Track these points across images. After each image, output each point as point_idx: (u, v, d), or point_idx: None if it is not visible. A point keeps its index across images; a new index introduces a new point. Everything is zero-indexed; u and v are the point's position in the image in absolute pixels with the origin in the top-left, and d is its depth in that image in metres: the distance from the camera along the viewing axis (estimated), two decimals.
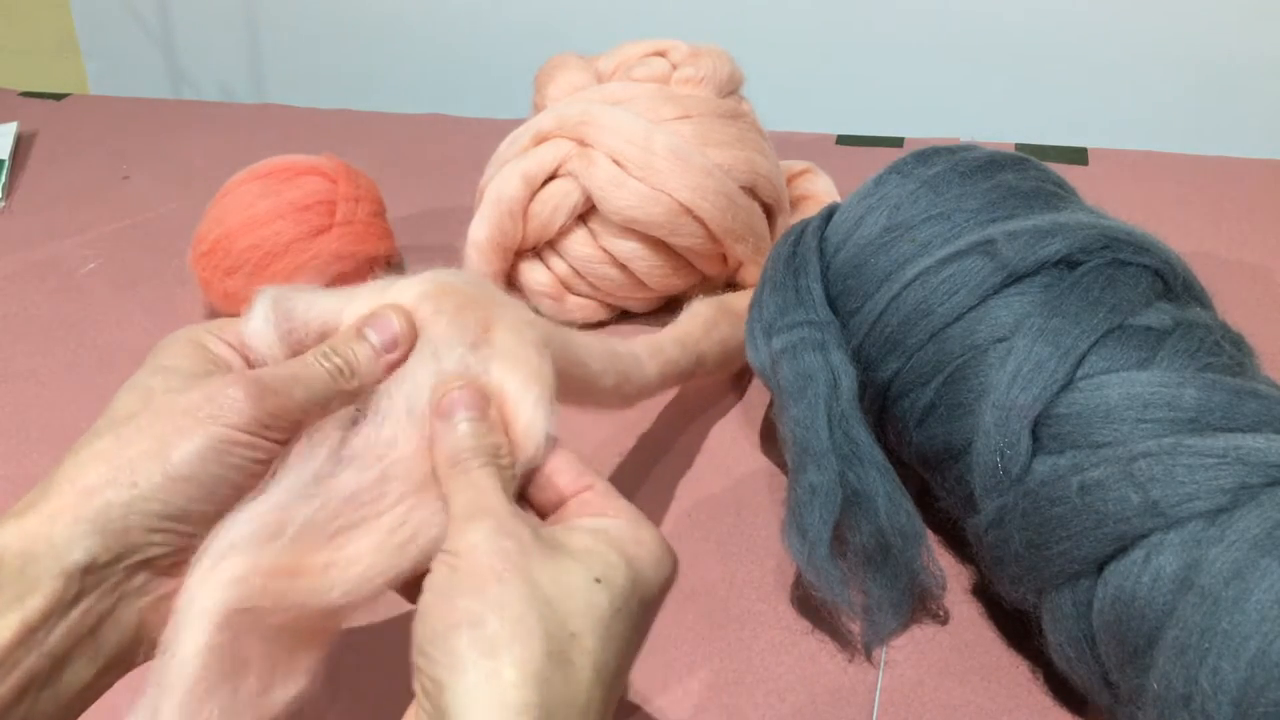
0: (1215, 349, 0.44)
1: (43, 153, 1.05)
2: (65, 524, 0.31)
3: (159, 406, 0.34)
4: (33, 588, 0.31)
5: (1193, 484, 0.38)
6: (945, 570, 0.50)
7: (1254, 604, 0.34)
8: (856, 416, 0.48)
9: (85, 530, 0.31)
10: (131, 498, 0.32)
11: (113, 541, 0.32)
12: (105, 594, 0.32)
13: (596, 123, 0.68)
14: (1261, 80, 1.04)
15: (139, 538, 0.32)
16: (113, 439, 0.33)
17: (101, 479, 0.32)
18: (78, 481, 0.32)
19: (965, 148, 0.54)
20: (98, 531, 0.31)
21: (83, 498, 0.32)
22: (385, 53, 1.36)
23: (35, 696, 0.31)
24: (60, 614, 0.31)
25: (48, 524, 0.31)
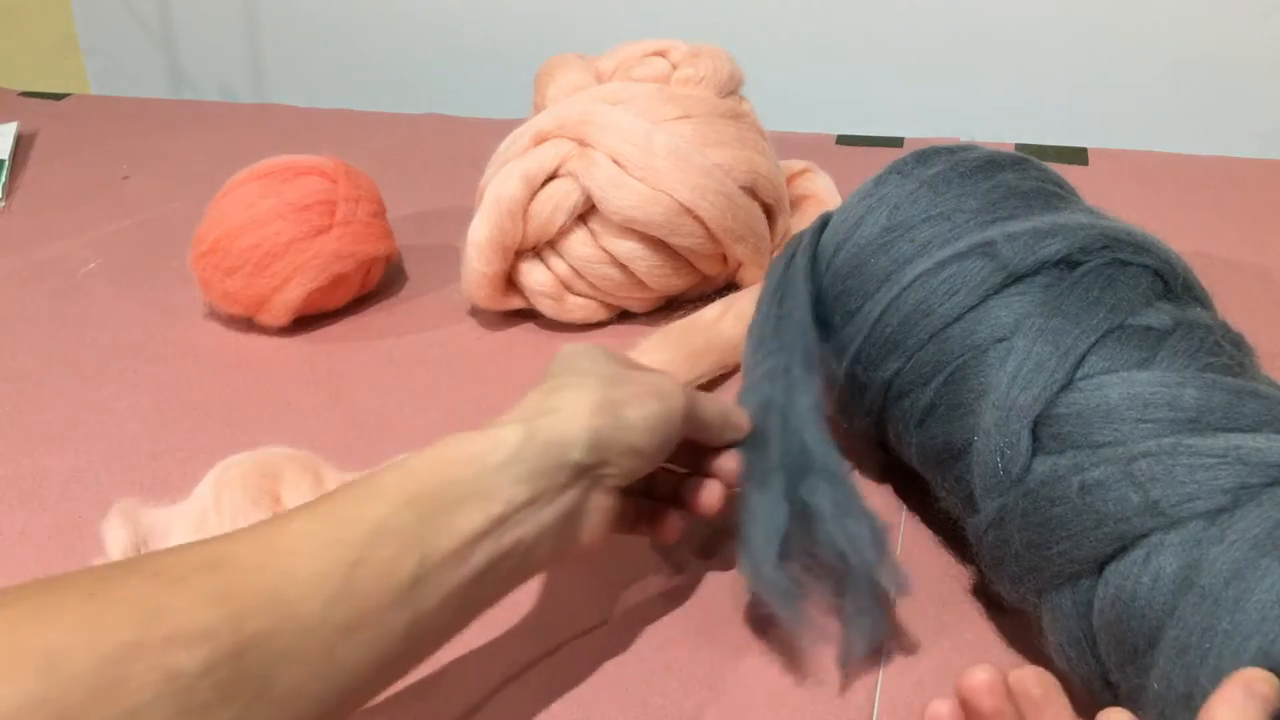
0: (1215, 349, 0.44)
1: (43, 153, 1.05)
2: (575, 428, 0.41)
3: (628, 375, 0.45)
4: (544, 470, 0.40)
5: (1193, 484, 0.38)
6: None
7: (1254, 604, 0.34)
8: (814, 426, 0.48)
9: (586, 439, 0.41)
10: (616, 427, 0.42)
11: (597, 455, 0.42)
12: (580, 491, 0.42)
13: (596, 123, 0.68)
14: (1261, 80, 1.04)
15: (609, 458, 0.42)
16: (601, 384, 0.43)
17: (598, 405, 0.42)
18: (584, 404, 0.42)
19: (965, 148, 0.54)
20: (592, 442, 0.41)
21: (589, 415, 0.42)
22: (385, 53, 1.36)
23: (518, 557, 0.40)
24: (554, 495, 0.41)
25: (563, 424, 0.41)
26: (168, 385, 0.69)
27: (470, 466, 0.39)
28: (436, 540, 0.37)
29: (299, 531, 0.36)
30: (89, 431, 0.64)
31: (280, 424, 0.65)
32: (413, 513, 0.37)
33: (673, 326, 0.67)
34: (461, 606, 0.39)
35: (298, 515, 0.37)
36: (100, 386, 0.69)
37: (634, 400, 0.43)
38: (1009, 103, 1.12)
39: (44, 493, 0.60)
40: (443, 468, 0.39)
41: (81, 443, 0.63)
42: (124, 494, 0.57)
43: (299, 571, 0.34)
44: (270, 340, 0.73)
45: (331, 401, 0.67)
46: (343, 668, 0.35)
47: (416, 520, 0.37)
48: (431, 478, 0.39)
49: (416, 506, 0.37)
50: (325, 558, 0.35)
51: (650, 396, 0.44)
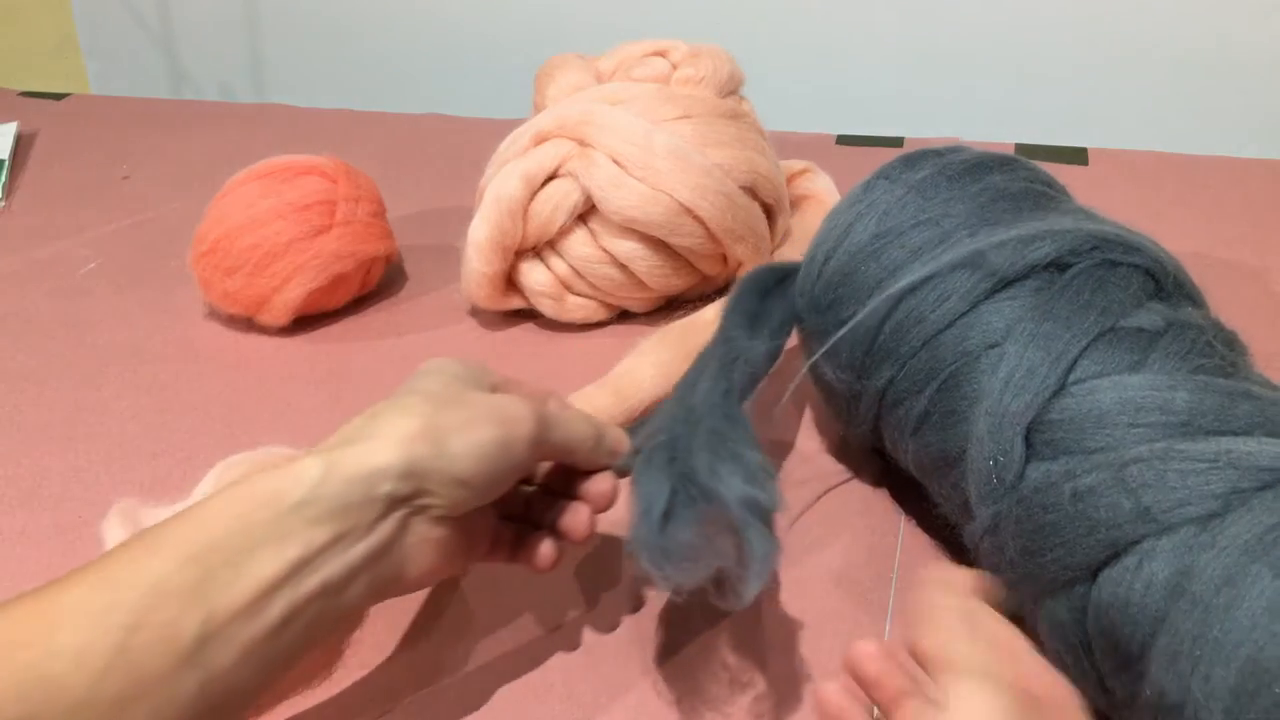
0: (1207, 350, 0.44)
1: (43, 153, 1.05)
2: (385, 458, 0.38)
3: (466, 398, 0.42)
4: (348, 506, 0.37)
5: (1184, 489, 0.38)
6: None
7: (1245, 610, 0.34)
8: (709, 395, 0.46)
9: (399, 468, 0.38)
10: (437, 457, 0.39)
11: (413, 484, 0.39)
12: (393, 526, 0.39)
13: (596, 123, 0.68)
14: (1261, 80, 1.04)
15: (431, 488, 0.39)
16: (429, 408, 0.40)
17: (417, 434, 0.39)
18: (398, 431, 0.39)
19: (952, 150, 0.54)
20: (406, 471, 0.38)
21: (402, 444, 0.39)
22: (385, 53, 1.36)
23: (325, 601, 0.37)
24: (361, 533, 0.38)
25: (370, 455, 0.38)
26: (168, 385, 0.69)
27: (265, 508, 0.36)
28: (224, 595, 0.34)
29: (70, 601, 0.33)
30: (89, 431, 0.64)
31: (280, 424, 0.65)
32: (197, 568, 0.34)
33: (673, 326, 0.67)
34: (266, 659, 0.36)
35: (72, 582, 0.34)
36: (100, 386, 0.69)
37: (464, 426, 0.40)
38: (1009, 103, 1.12)
39: (44, 493, 0.60)
40: (235, 511, 0.36)
41: (81, 443, 0.63)
42: (124, 494, 0.57)
43: (66, 645, 0.32)
44: (270, 340, 0.73)
45: (331, 401, 0.67)
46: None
47: (201, 575, 0.34)
48: (220, 524, 0.36)
49: (202, 560, 0.35)
50: (96, 627, 0.33)
51: (485, 422, 0.41)
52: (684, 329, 0.67)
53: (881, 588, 0.51)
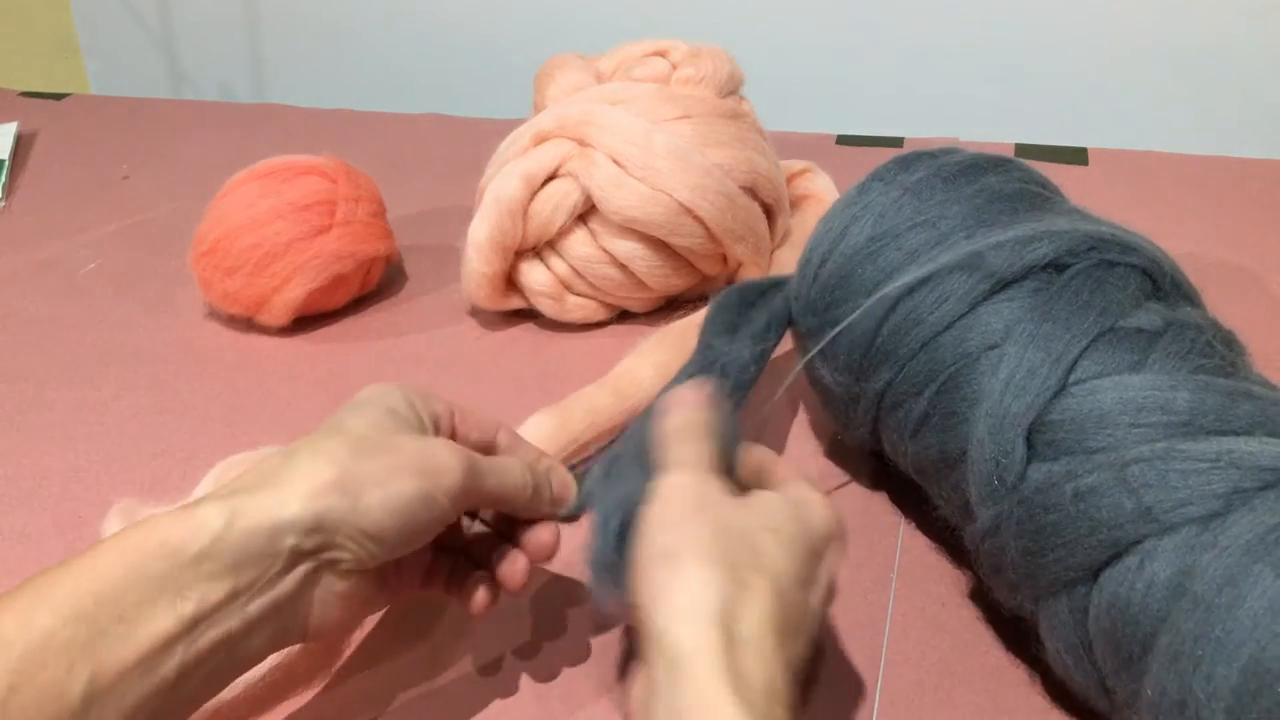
0: (1207, 349, 0.44)
1: (43, 153, 1.05)
2: (291, 511, 0.36)
3: (391, 444, 0.39)
4: (249, 559, 0.36)
5: (1186, 489, 0.38)
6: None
7: (1247, 610, 0.34)
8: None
9: (305, 522, 0.37)
10: (349, 510, 0.37)
11: (321, 539, 0.37)
12: (297, 579, 0.37)
13: (596, 123, 0.68)
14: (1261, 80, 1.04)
15: (340, 542, 0.38)
16: (347, 454, 0.38)
17: (330, 485, 0.37)
18: (310, 480, 0.37)
19: (947, 151, 0.54)
20: (314, 527, 0.37)
21: (312, 496, 0.37)
22: (385, 53, 1.36)
23: (224, 654, 0.36)
24: (263, 587, 0.36)
25: (277, 507, 0.36)
26: (168, 385, 0.69)
27: (161, 560, 0.35)
28: (114, 652, 0.33)
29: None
30: (89, 431, 0.64)
31: (280, 424, 0.65)
32: (85, 624, 0.33)
33: (673, 326, 0.67)
34: (159, 715, 0.34)
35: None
36: (100, 386, 0.69)
37: (382, 478, 0.38)
38: (1009, 103, 1.12)
39: (44, 493, 0.60)
40: (130, 564, 0.34)
41: (81, 443, 0.63)
42: (124, 494, 0.57)
43: None
44: (270, 340, 0.73)
45: (331, 401, 0.66)
46: None
47: (90, 632, 0.33)
48: (114, 576, 0.34)
49: (91, 615, 0.33)
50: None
51: (407, 474, 0.38)
52: (684, 329, 0.67)
53: (881, 588, 0.51)
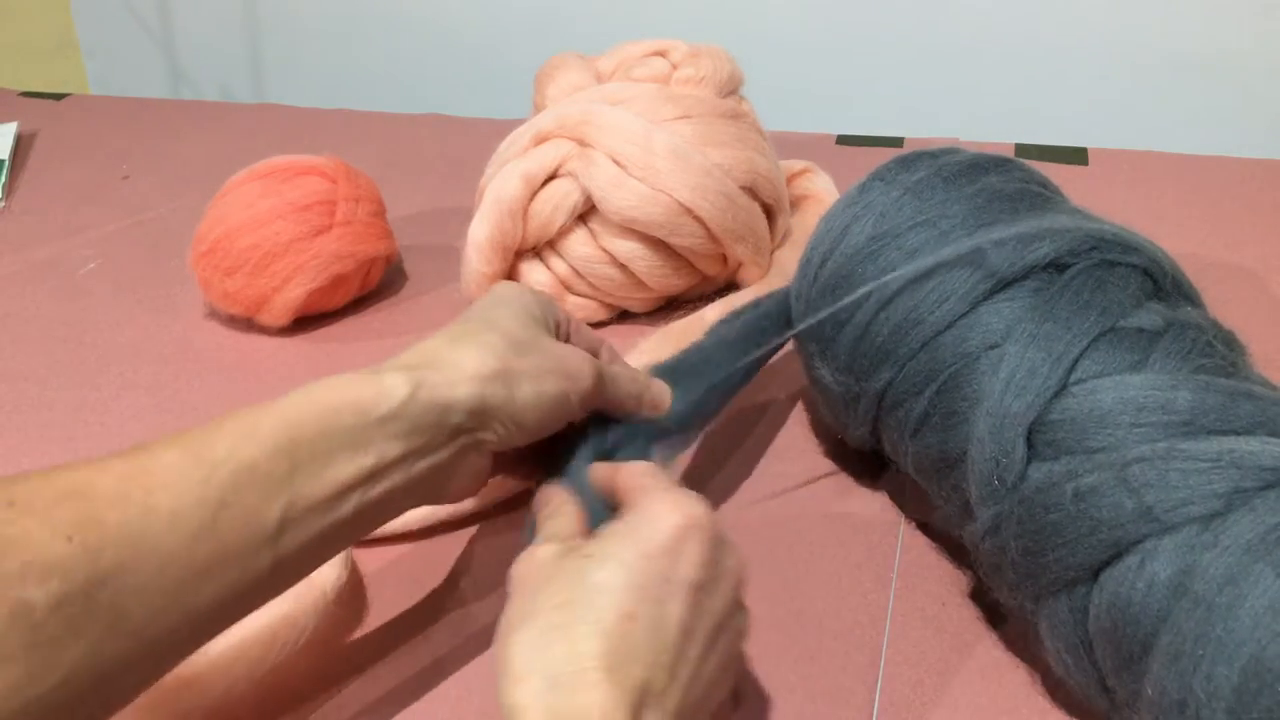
0: (1208, 349, 0.44)
1: (43, 153, 1.05)
2: (463, 392, 0.41)
3: (541, 345, 0.45)
4: (423, 428, 0.40)
5: (1186, 489, 0.38)
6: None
7: (1247, 610, 0.34)
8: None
9: (470, 406, 0.41)
10: (505, 398, 0.42)
11: (479, 420, 0.42)
12: (454, 450, 0.42)
13: (596, 123, 0.68)
14: (1261, 80, 1.04)
15: (491, 424, 0.42)
16: (506, 348, 0.43)
17: (493, 373, 0.42)
18: (478, 367, 0.42)
19: (947, 151, 0.54)
20: (476, 408, 0.41)
21: (480, 380, 0.41)
22: (385, 53, 1.36)
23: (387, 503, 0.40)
24: (427, 452, 0.41)
25: (450, 387, 0.41)
26: (168, 385, 0.69)
27: (351, 416, 0.39)
28: (306, 487, 0.37)
29: (167, 465, 0.35)
30: (89, 431, 0.64)
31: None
32: (285, 458, 0.37)
33: (673, 326, 0.67)
34: (324, 547, 0.39)
35: (169, 447, 0.36)
36: (100, 386, 0.69)
37: (535, 375, 0.43)
38: (1009, 103, 1.12)
39: None
40: (323, 414, 0.39)
41: (81, 443, 0.63)
42: None
43: (161, 507, 0.34)
44: (270, 340, 0.73)
45: None
46: (199, 604, 0.35)
47: (288, 466, 0.37)
48: (310, 423, 0.38)
49: (290, 452, 0.37)
50: (190, 496, 0.35)
51: (553, 375, 0.44)
52: (684, 329, 0.67)
53: (881, 588, 0.51)
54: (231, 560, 0.35)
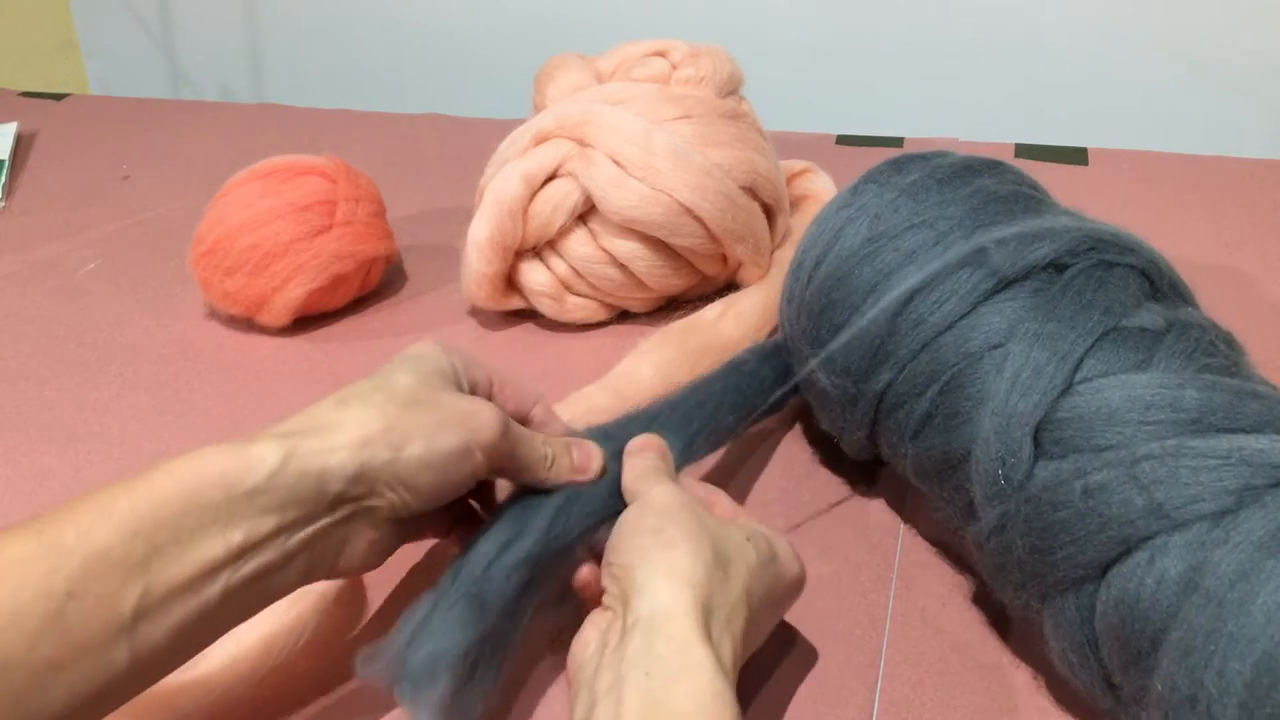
0: (1211, 349, 0.44)
1: (43, 153, 1.05)
2: (340, 459, 0.38)
3: (436, 400, 0.42)
4: (297, 499, 0.38)
5: (1197, 486, 0.38)
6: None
7: (1260, 606, 0.34)
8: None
9: (348, 473, 0.38)
10: (389, 460, 0.39)
11: (363, 486, 0.39)
12: (335, 521, 0.39)
13: (596, 123, 0.68)
14: (1261, 80, 1.04)
15: (380, 489, 0.39)
16: (395, 407, 0.40)
17: (379, 435, 0.39)
18: (360, 429, 0.39)
19: (939, 154, 0.54)
20: (357, 474, 0.39)
21: (360, 445, 0.39)
22: (385, 53, 1.36)
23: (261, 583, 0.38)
24: (304, 525, 0.38)
25: (326, 454, 0.38)
26: (168, 385, 0.69)
27: (217, 490, 0.36)
28: (166, 571, 0.35)
29: (12, 557, 0.33)
30: (89, 431, 0.64)
31: None
32: (143, 541, 0.34)
33: (673, 326, 0.67)
34: (192, 635, 0.36)
35: (15, 536, 0.34)
36: (100, 386, 0.69)
37: (427, 432, 0.40)
38: (1009, 103, 1.12)
39: (44, 493, 0.59)
40: (185, 490, 0.36)
41: (81, 443, 0.63)
42: None
43: (3, 604, 0.32)
44: (270, 340, 0.73)
45: None
46: (49, 702, 0.32)
47: (146, 549, 0.34)
48: (172, 500, 0.35)
49: (149, 534, 0.35)
50: (35, 589, 0.32)
51: (448, 429, 0.41)
52: (684, 329, 0.67)
53: (881, 588, 0.51)
54: (83, 656, 0.33)
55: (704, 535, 0.41)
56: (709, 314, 0.69)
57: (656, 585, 0.38)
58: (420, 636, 0.40)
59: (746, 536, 0.43)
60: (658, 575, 0.39)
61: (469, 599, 0.41)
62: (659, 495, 0.43)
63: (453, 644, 0.40)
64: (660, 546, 0.40)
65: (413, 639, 0.40)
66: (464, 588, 0.41)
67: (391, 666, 0.40)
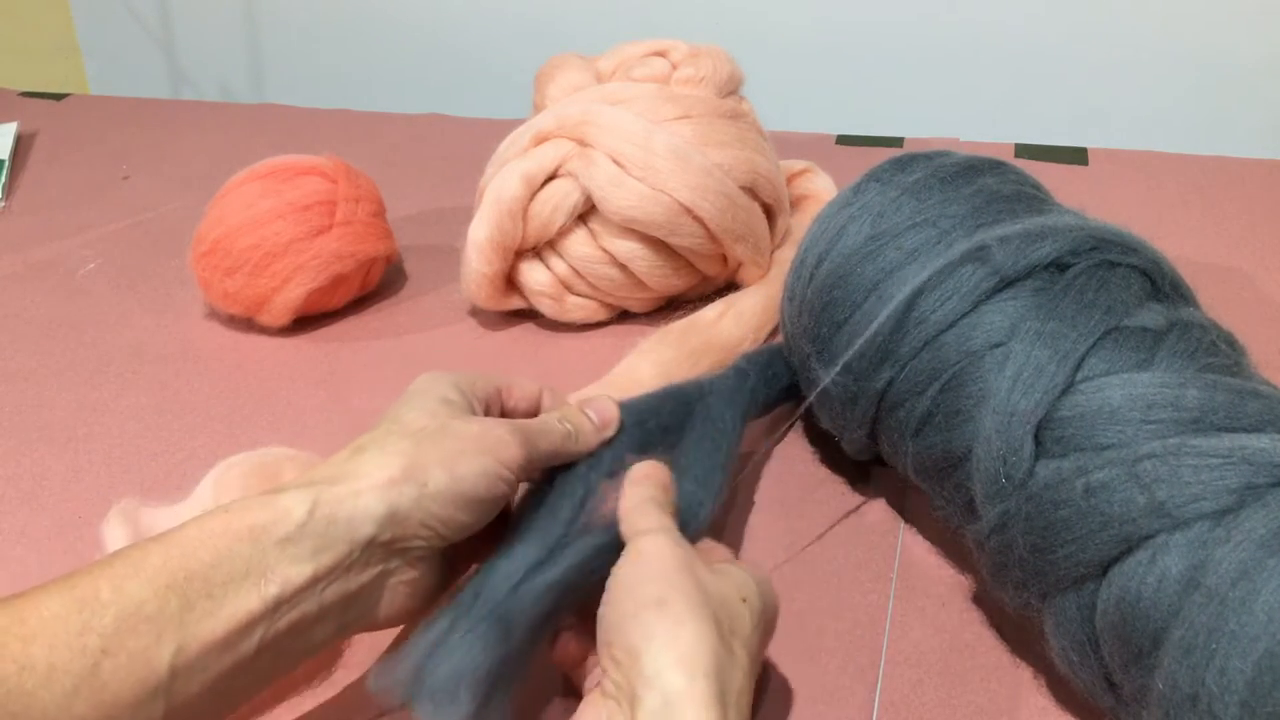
0: (1212, 349, 0.44)
1: (43, 153, 1.05)
2: (367, 502, 0.38)
3: (450, 429, 0.41)
4: (329, 546, 0.37)
5: (1198, 484, 0.38)
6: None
7: (1261, 604, 0.34)
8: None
9: (380, 513, 0.38)
10: (420, 495, 0.39)
11: (395, 527, 0.38)
12: (371, 566, 0.39)
13: (596, 123, 0.68)
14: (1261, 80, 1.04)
15: (412, 529, 0.39)
16: (411, 444, 0.40)
17: (401, 474, 0.39)
18: (382, 471, 0.39)
19: (941, 153, 0.54)
20: (388, 516, 0.38)
21: (384, 486, 0.38)
22: (385, 53, 1.36)
23: (298, 637, 0.37)
24: (339, 573, 0.38)
25: (353, 498, 0.38)
26: (168, 385, 0.69)
27: (247, 542, 0.36)
28: (201, 627, 0.34)
29: (46, 615, 0.33)
30: (89, 431, 0.64)
31: (280, 424, 0.65)
32: (176, 595, 0.34)
33: (673, 326, 0.67)
34: (233, 691, 0.36)
35: (50, 593, 0.34)
36: (100, 386, 0.69)
37: (447, 461, 0.40)
38: (1009, 103, 1.13)
39: (44, 493, 0.60)
40: (217, 541, 0.36)
41: (81, 443, 0.63)
42: (124, 494, 0.57)
43: (37, 660, 0.32)
44: (270, 340, 0.73)
45: (331, 401, 0.67)
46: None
47: (179, 605, 0.34)
48: (203, 553, 0.35)
49: (181, 588, 0.34)
50: (70, 647, 0.32)
51: (468, 454, 0.40)
52: (684, 329, 0.67)
53: (881, 588, 0.51)
54: (118, 714, 0.33)
55: (708, 605, 0.37)
56: (709, 314, 0.69)
57: (668, 677, 0.34)
58: (440, 653, 0.38)
59: (742, 596, 0.39)
60: (667, 663, 0.35)
61: (494, 619, 0.39)
62: (656, 550, 0.39)
63: (475, 664, 0.38)
64: (666, 625, 0.36)
65: (431, 655, 0.38)
66: (489, 607, 0.40)
67: (409, 683, 0.38)
